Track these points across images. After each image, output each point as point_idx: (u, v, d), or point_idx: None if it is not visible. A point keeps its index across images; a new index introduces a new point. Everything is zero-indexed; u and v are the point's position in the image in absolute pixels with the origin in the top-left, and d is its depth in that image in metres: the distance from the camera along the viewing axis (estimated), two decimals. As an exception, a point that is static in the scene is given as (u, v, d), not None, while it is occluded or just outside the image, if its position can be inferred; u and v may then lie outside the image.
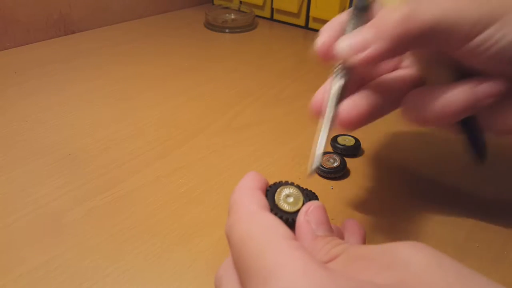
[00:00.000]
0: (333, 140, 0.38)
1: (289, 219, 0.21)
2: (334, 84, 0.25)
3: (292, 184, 0.23)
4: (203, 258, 0.27)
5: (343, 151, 0.37)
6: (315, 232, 0.20)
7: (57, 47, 0.58)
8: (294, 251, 0.17)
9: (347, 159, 0.35)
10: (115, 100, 0.45)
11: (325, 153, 0.36)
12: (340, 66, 0.26)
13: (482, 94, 0.24)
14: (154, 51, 0.59)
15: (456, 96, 0.24)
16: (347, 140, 0.37)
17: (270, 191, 0.22)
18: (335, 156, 0.35)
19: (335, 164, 0.34)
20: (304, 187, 0.32)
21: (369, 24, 0.24)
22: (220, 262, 0.21)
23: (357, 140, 0.37)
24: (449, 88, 0.25)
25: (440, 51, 0.25)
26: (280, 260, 0.16)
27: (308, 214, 0.20)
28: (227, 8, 0.72)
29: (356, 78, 0.27)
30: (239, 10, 0.71)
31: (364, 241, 0.23)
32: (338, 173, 0.34)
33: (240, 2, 0.74)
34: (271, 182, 0.25)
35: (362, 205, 0.32)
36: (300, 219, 0.20)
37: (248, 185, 0.21)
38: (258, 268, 0.17)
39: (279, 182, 0.23)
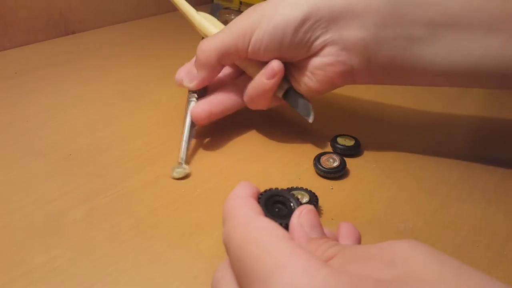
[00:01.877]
0: (333, 140, 0.38)
1: (282, 224, 0.21)
2: (189, 101, 0.38)
3: (282, 190, 0.24)
4: (203, 258, 0.27)
5: (343, 151, 0.37)
6: (309, 234, 0.20)
7: (58, 47, 0.58)
8: (294, 250, 0.17)
9: (346, 159, 0.35)
10: (115, 100, 0.45)
11: (325, 153, 0.36)
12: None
13: (267, 76, 0.34)
14: (155, 51, 0.59)
15: (256, 82, 0.35)
16: (346, 140, 0.37)
17: (262, 198, 0.23)
18: (334, 156, 0.35)
19: (334, 164, 0.34)
20: (304, 187, 0.32)
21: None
22: (220, 262, 0.21)
23: (357, 140, 0.37)
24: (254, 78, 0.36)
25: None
26: (281, 260, 0.16)
27: (301, 217, 0.21)
28: (227, 8, 0.72)
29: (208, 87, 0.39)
30: (239, 11, 0.71)
31: (359, 244, 0.23)
32: (337, 173, 0.34)
33: (240, 3, 0.74)
34: (270, 183, 0.25)
35: (361, 205, 0.32)
36: (294, 222, 0.21)
37: (241, 194, 0.22)
38: (259, 270, 0.17)
39: (270, 189, 0.23)
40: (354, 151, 0.37)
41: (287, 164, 0.36)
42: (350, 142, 0.37)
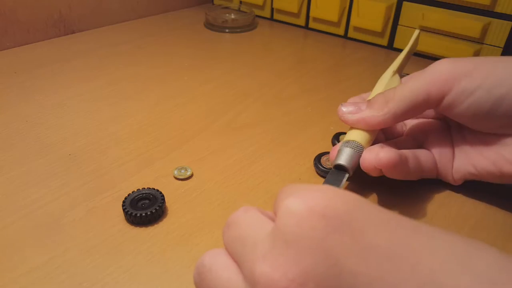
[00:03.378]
0: (333, 140, 0.38)
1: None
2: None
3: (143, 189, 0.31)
4: (203, 258, 0.27)
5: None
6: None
7: (57, 47, 0.58)
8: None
9: (347, 159, 0.35)
10: (115, 100, 0.45)
11: (325, 153, 0.36)
12: None
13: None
14: (154, 51, 0.59)
15: None
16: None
17: (126, 201, 0.30)
18: (335, 156, 0.35)
19: (335, 164, 0.34)
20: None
21: (367, 104, 0.31)
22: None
23: (357, 140, 0.37)
24: None
25: None
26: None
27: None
28: (227, 8, 0.72)
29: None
30: (239, 10, 0.71)
31: None
32: (338, 173, 0.34)
33: (240, 2, 0.74)
34: (270, 183, 0.25)
35: (362, 205, 0.32)
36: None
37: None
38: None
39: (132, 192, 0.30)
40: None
41: (287, 164, 0.36)
42: (350, 142, 0.37)
